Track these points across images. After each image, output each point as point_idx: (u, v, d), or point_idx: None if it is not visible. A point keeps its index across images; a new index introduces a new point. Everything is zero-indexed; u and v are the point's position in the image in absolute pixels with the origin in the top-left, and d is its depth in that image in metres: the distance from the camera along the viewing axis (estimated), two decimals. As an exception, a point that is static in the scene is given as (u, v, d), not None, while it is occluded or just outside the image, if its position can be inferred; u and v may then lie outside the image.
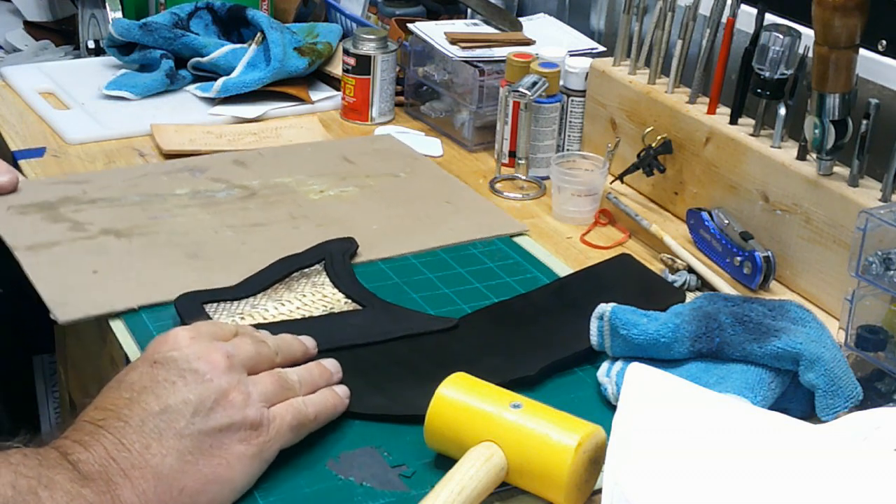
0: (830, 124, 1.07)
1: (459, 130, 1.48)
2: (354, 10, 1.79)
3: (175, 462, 0.76)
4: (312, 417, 0.85)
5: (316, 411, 0.85)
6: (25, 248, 1.11)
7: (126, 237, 1.15)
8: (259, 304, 1.03)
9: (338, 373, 0.91)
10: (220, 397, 0.79)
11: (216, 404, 0.79)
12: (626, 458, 0.77)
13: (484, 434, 0.81)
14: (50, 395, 1.92)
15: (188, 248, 1.14)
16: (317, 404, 0.85)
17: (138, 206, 1.22)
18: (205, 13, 1.66)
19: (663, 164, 1.26)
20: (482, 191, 1.33)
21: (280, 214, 1.22)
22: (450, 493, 0.77)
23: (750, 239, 1.14)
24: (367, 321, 1.02)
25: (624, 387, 0.84)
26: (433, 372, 0.89)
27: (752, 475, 0.76)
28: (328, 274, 1.09)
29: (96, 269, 1.08)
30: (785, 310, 0.95)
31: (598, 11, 1.63)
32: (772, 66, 1.14)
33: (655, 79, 1.31)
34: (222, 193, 1.26)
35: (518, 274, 1.14)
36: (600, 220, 1.27)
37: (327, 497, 0.81)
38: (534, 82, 1.31)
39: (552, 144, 1.37)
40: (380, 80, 1.51)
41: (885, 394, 0.95)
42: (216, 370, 0.80)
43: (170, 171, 1.31)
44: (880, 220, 0.94)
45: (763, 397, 0.89)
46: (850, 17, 1.01)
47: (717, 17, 1.23)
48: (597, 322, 0.96)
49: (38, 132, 1.43)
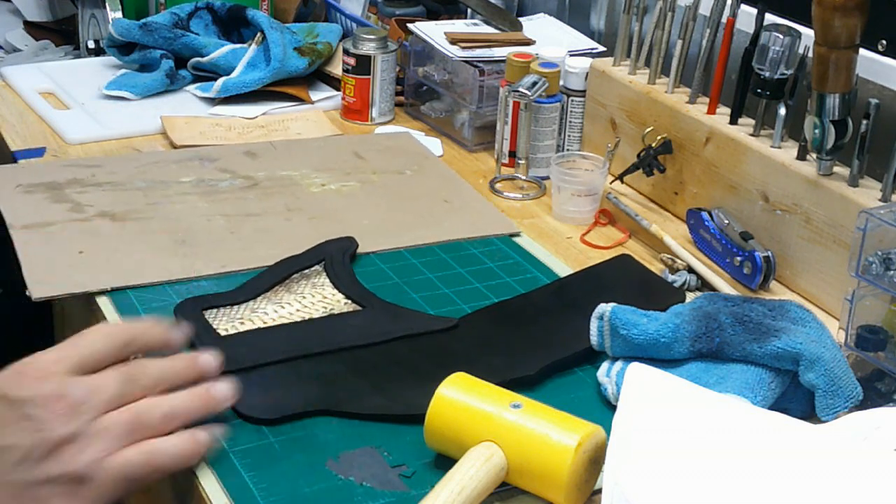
0: (830, 124, 1.07)
1: (459, 130, 1.48)
2: (354, 10, 1.79)
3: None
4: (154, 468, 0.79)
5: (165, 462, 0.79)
6: (21, 227, 1.14)
7: (120, 221, 1.17)
8: (259, 308, 1.03)
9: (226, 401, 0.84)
10: (53, 448, 0.74)
11: (46, 455, 0.74)
12: (626, 458, 0.77)
13: (484, 434, 0.81)
14: (50, 395, 1.92)
15: (178, 234, 1.15)
16: (171, 455, 0.79)
17: (141, 192, 1.24)
18: (205, 13, 1.66)
19: (663, 164, 1.26)
20: (482, 191, 1.33)
21: (276, 206, 1.23)
22: (450, 493, 0.77)
23: (750, 239, 1.14)
24: (368, 322, 1.02)
25: (624, 387, 0.84)
26: (433, 372, 0.89)
27: (752, 475, 0.76)
28: (328, 275, 1.10)
29: (83, 249, 1.11)
30: (785, 310, 0.95)
31: (598, 11, 1.63)
32: (772, 66, 1.14)
33: (655, 79, 1.31)
34: (225, 183, 1.28)
35: (518, 274, 1.14)
36: (600, 220, 1.27)
37: (327, 497, 0.81)
38: (534, 82, 1.31)
39: (552, 144, 1.37)
40: (380, 80, 1.51)
41: (885, 394, 0.95)
42: (56, 419, 0.75)
43: (180, 159, 1.34)
44: (880, 220, 0.94)
45: (763, 397, 0.89)
46: (850, 17, 1.01)
47: (717, 17, 1.23)
48: (597, 322, 0.96)
49: (38, 132, 1.43)
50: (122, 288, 1.05)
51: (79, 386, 0.78)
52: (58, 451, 0.75)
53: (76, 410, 0.76)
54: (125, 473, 0.77)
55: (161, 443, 0.80)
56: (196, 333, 0.97)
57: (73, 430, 0.76)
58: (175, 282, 1.07)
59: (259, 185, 1.28)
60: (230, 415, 0.88)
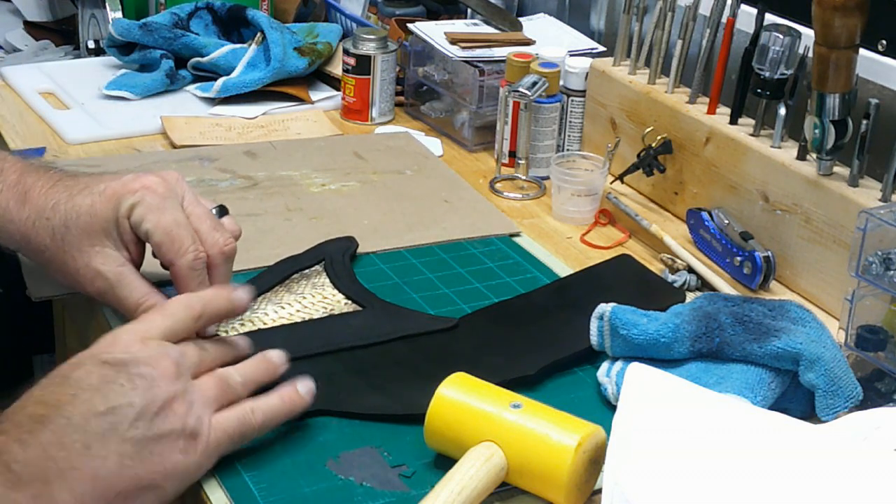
0: (830, 124, 1.07)
1: (459, 130, 1.48)
2: (354, 10, 1.79)
3: (114, 466, 0.75)
4: (257, 425, 0.83)
5: (263, 419, 0.84)
6: None
7: None
8: (259, 308, 1.03)
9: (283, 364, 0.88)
10: (165, 405, 0.78)
11: (160, 411, 0.78)
12: (626, 458, 0.77)
13: (484, 434, 0.81)
14: (50, 395, 1.92)
15: None
16: (265, 412, 0.84)
17: None
18: (205, 13, 1.66)
19: (663, 164, 1.26)
20: (482, 191, 1.33)
21: (276, 206, 1.23)
22: (450, 493, 0.77)
23: (750, 239, 1.14)
24: (368, 322, 1.02)
25: (624, 387, 0.84)
26: (433, 372, 0.89)
27: (752, 475, 0.76)
28: (328, 275, 1.10)
29: None
30: (785, 310, 0.95)
31: (598, 11, 1.63)
32: (772, 66, 1.14)
33: (655, 79, 1.31)
34: (225, 183, 1.28)
35: (518, 274, 1.14)
36: (600, 220, 1.27)
37: (327, 497, 0.81)
38: (534, 82, 1.31)
39: (552, 144, 1.37)
40: (380, 80, 1.51)
41: (885, 394, 0.95)
42: (164, 377, 0.79)
43: (180, 158, 1.33)
44: (880, 220, 0.94)
45: (763, 397, 0.89)
46: (850, 17, 1.01)
47: (717, 17, 1.23)
48: (597, 322, 0.96)
49: (38, 132, 1.43)
50: None
51: (175, 349, 0.82)
52: (170, 407, 0.78)
53: (179, 370, 0.81)
54: (230, 433, 0.82)
55: (258, 403, 0.84)
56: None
57: (180, 388, 0.80)
58: (175, 282, 1.07)
59: (259, 185, 1.28)
60: (230, 415, 0.89)
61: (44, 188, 0.96)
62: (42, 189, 0.96)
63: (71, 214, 0.94)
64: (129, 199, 0.93)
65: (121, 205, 0.93)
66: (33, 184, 0.97)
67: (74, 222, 0.94)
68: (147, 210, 0.92)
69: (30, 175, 0.98)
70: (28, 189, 0.96)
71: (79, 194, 0.94)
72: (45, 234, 0.95)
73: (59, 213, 0.94)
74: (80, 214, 0.94)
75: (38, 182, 0.97)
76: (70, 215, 0.94)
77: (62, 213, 0.94)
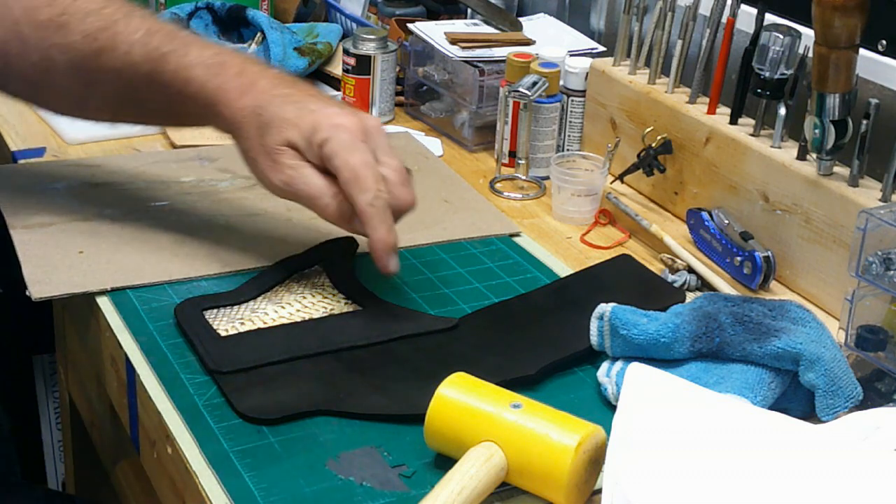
0: (830, 124, 1.07)
1: (459, 130, 1.48)
2: (354, 10, 1.79)
3: None
4: None
5: None
6: (21, 227, 1.14)
7: (120, 221, 1.17)
8: (259, 308, 1.03)
9: None
10: None
11: None
12: (626, 458, 0.77)
13: (484, 434, 0.81)
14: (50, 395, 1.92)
15: (177, 234, 1.15)
16: None
17: (141, 192, 1.24)
18: (205, 13, 1.66)
19: (663, 164, 1.26)
20: (482, 191, 1.33)
21: (276, 206, 1.23)
22: (450, 493, 0.77)
23: (750, 239, 1.14)
24: (368, 322, 1.02)
25: (624, 387, 0.84)
26: (433, 372, 0.89)
27: (752, 475, 0.76)
28: (328, 275, 1.10)
29: (83, 249, 1.11)
30: (785, 310, 0.95)
31: (598, 11, 1.63)
32: (772, 66, 1.14)
33: (655, 79, 1.31)
34: (225, 183, 1.28)
35: (518, 274, 1.14)
36: (600, 220, 1.27)
37: (327, 497, 0.81)
38: (534, 82, 1.31)
39: (552, 144, 1.37)
40: (380, 80, 1.51)
41: (885, 394, 0.95)
42: None
43: (180, 158, 1.34)
44: (880, 220, 0.94)
45: (763, 397, 0.89)
46: (850, 17, 1.01)
47: (717, 17, 1.23)
48: (597, 322, 0.96)
49: (38, 132, 1.43)
50: (122, 288, 1.05)
51: None
52: None
53: None
54: None
55: None
56: (196, 334, 0.97)
57: None
58: (175, 282, 1.07)
59: (259, 185, 1.28)
60: (230, 415, 0.89)
61: (266, 87, 1.04)
62: (264, 87, 1.04)
63: (277, 118, 1.02)
64: (324, 132, 0.99)
65: (315, 133, 1.00)
66: (257, 79, 1.05)
67: (278, 124, 1.01)
68: (339, 146, 0.99)
69: (252, 67, 1.06)
70: (253, 82, 1.04)
71: (290, 104, 1.02)
72: (253, 127, 1.03)
73: (270, 112, 1.02)
74: (284, 120, 1.01)
75: (262, 80, 1.05)
76: (276, 118, 1.02)
77: (272, 112, 1.02)
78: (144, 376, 0.94)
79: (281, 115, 1.02)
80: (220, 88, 1.04)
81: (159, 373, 0.94)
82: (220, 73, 1.05)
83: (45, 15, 1.08)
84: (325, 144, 0.99)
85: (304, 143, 1.00)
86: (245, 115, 1.03)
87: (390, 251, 1.00)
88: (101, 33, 1.07)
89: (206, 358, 0.94)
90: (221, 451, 0.85)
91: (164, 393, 0.92)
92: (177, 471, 0.87)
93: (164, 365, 0.95)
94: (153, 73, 1.06)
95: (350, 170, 0.98)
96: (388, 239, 1.00)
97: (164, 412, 0.89)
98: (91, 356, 1.14)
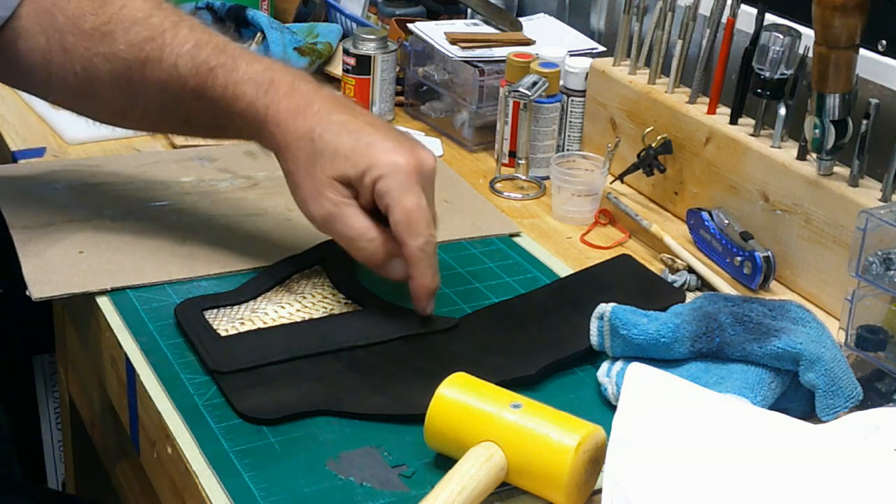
0: (830, 124, 1.07)
1: (459, 130, 1.48)
2: (354, 10, 1.79)
3: None
4: None
5: None
6: (21, 227, 1.14)
7: (120, 221, 1.17)
8: (259, 308, 1.03)
9: None
10: None
11: None
12: (626, 458, 0.77)
13: (484, 434, 0.81)
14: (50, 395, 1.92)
15: (178, 234, 1.15)
16: None
17: (141, 192, 1.24)
18: (205, 13, 1.66)
19: (663, 164, 1.26)
20: (482, 191, 1.33)
21: (276, 206, 1.23)
22: (450, 493, 0.77)
23: (750, 239, 1.14)
24: (367, 322, 1.02)
25: (624, 387, 0.84)
26: (433, 372, 0.89)
27: (752, 475, 0.76)
28: (328, 275, 1.10)
29: (83, 249, 1.11)
30: (785, 310, 0.95)
31: (598, 11, 1.63)
32: (772, 66, 1.14)
33: (655, 79, 1.31)
34: (225, 183, 1.28)
35: (518, 274, 1.14)
36: (600, 220, 1.27)
37: (327, 497, 0.81)
38: (534, 82, 1.31)
39: (552, 144, 1.37)
40: (380, 80, 1.51)
41: (885, 394, 0.95)
42: None
43: (180, 159, 1.34)
44: (880, 220, 0.94)
45: (763, 397, 0.89)
46: (850, 17, 1.01)
47: (717, 17, 1.23)
48: (597, 322, 0.96)
49: (38, 132, 1.43)
50: (122, 288, 1.05)
51: None
52: None
53: None
54: None
55: None
56: (196, 334, 0.97)
57: None
58: (175, 282, 1.07)
59: (259, 185, 1.28)
60: (230, 415, 0.89)
61: (321, 111, 1.01)
62: (319, 110, 1.01)
63: (330, 147, 0.99)
64: (379, 169, 0.98)
65: (370, 170, 0.98)
66: (311, 100, 1.02)
67: (331, 154, 0.99)
68: (393, 185, 0.97)
69: (304, 85, 1.04)
70: (308, 104, 1.02)
71: (347, 134, 1.00)
72: (304, 152, 1.00)
73: (324, 140, 1.00)
74: (338, 151, 0.99)
75: (316, 101, 1.02)
76: (329, 147, 0.99)
77: (326, 141, 1.00)
78: (144, 376, 0.94)
79: (335, 146, 0.99)
80: (269, 107, 1.02)
81: (159, 373, 0.94)
82: (270, 91, 1.02)
83: (90, 23, 1.05)
84: (379, 181, 0.97)
85: (356, 179, 0.98)
86: (297, 138, 1.01)
87: (431, 296, 1.01)
88: (148, 44, 1.05)
89: (206, 358, 0.94)
90: (221, 451, 0.85)
91: (164, 393, 0.92)
92: (177, 471, 0.87)
93: (164, 365, 0.95)
94: (201, 87, 1.04)
95: (403, 212, 0.97)
96: (432, 285, 1.00)
97: (164, 412, 0.89)
98: (91, 356, 1.14)
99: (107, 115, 1.14)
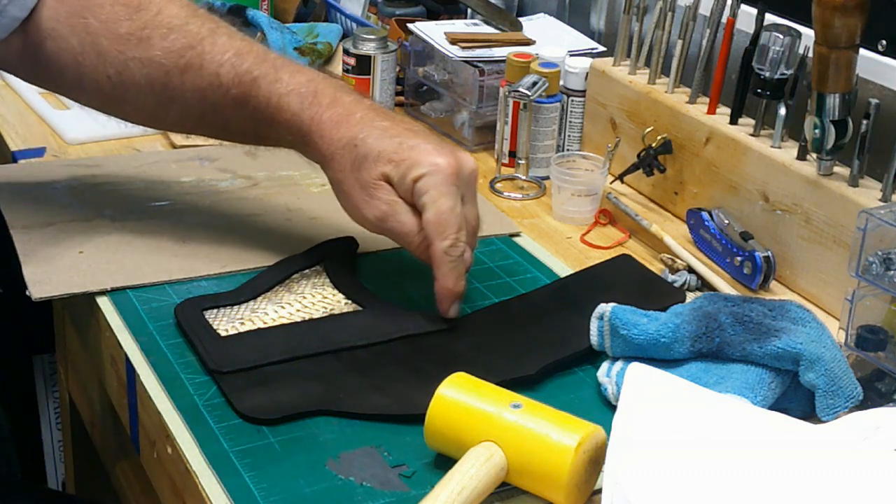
0: (830, 124, 1.07)
1: (459, 130, 1.48)
2: (354, 10, 1.79)
3: None
4: None
5: None
6: (21, 227, 1.14)
7: (120, 221, 1.17)
8: (259, 308, 1.03)
9: None
10: None
11: None
12: (626, 458, 0.77)
13: (484, 434, 0.81)
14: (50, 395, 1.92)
15: (178, 234, 1.15)
16: None
17: (141, 192, 1.24)
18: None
19: (663, 164, 1.26)
20: (482, 191, 1.33)
21: (276, 206, 1.23)
22: (450, 493, 0.77)
23: (750, 239, 1.14)
24: (368, 322, 1.02)
25: (624, 387, 0.84)
26: (433, 372, 0.89)
27: (752, 475, 0.76)
28: (328, 275, 1.10)
29: (83, 249, 1.11)
30: (785, 310, 0.95)
31: (598, 11, 1.63)
32: (772, 66, 1.14)
33: (655, 79, 1.31)
34: (225, 183, 1.28)
35: (518, 274, 1.14)
36: (600, 220, 1.27)
37: (327, 497, 0.81)
38: (534, 82, 1.31)
39: (552, 144, 1.37)
40: (380, 80, 1.51)
41: (885, 394, 0.95)
42: None
43: (180, 159, 1.34)
44: (880, 220, 0.94)
45: (763, 397, 0.89)
46: (850, 17, 1.01)
47: (717, 17, 1.23)
48: (597, 322, 0.96)
49: (38, 132, 1.43)
50: (122, 288, 1.05)
51: None
52: None
53: None
54: None
55: None
56: (196, 334, 0.97)
57: None
58: (175, 282, 1.07)
59: (259, 185, 1.28)
60: (230, 415, 0.89)
61: (364, 119, 1.03)
62: (361, 119, 1.03)
63: (374, 150, 1.00)
64: (421, 168, 0.98)
65: (412, 170, 0.99)
66: (353, 110, 1.04)
67: (375, 157, 1.00)
68: (432, 185, 0.98)
69: (346, 96, 1.05)
70: (350, 113, 1.03)
71: (388, 138, 1.01)
72: (348, 159, 1.01)
73: (368, 144, 1.01)
74: (381, 154, 1.00)
75: (358, 111, 1.04)
76: (373, 151, 1.00)
77: (369, 145, 1.01)
78: (144, 376, 0.94)
79: (378, 149, 1.00)
80: (314, 119, 1.03)
81: (159, 373, 0.94)
82: (314, 103, 1.03)
83: (125, 28, 1.05)
84: (419, 180, 0.98)
85: (398, 179, 0.99)
86: (340, 146, 1.02)
87: (455, 300, 1.01)
88: (188, 51, 1.05)
89: (206, 358, 0.94)
90: (221, 451, 0.85)
91: (164, 393, 0.92)
92: (177, 471, 0.87)
93: (164, 365, 0.95)
94: (243, 96, 1.05)
95: (436, 213, 0.98)
96: (456, 289, 1.00)
97: (164, 412, 0.89)
98: (91, 356, 1.14)
99: (140, 118, 1.14)
